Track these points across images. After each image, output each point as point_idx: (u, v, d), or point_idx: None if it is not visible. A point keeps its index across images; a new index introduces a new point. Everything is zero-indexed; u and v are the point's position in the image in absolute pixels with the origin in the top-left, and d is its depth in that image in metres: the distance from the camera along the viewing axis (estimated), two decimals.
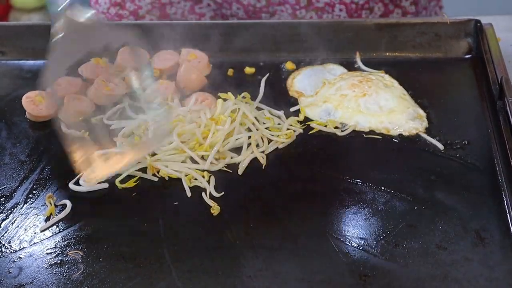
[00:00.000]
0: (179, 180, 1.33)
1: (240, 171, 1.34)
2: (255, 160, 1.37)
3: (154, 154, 1.36)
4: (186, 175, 1.32)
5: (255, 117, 1.41)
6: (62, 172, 1.35)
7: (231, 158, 1.36)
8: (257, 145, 1.38)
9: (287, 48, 1.61)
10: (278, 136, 1.40)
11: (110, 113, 1.47)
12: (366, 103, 1.46)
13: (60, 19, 1.25)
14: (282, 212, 1.27)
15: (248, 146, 1.38)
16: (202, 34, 1.61)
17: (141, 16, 1.79)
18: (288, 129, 1.42)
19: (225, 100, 1.45)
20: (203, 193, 1.30)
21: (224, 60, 1.60)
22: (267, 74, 1.56)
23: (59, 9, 1.23)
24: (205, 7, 1.74)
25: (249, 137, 1.38)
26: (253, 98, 1.48)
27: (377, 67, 1.58)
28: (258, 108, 1.46)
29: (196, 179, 1.32)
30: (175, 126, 1.37)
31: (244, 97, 1.47)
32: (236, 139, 1.37)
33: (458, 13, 1.69)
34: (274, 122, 1.43)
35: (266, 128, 1.41)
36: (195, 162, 1.35)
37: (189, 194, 1.31)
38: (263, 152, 1.38)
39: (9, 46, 1.65)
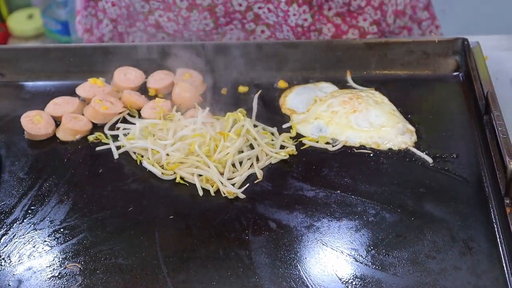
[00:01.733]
0: (174, 193, 1.37)
1: (237, 185, 1.37)
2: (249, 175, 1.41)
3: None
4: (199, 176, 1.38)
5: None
6: (60, 188, 1.39)
7: (233, 172, 1.40)
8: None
9: (279, 67, 1.65)
10: (278, 153, 1.44)
11: (110, 123, 1.52)
12: (356, 119, 1.50)
13: None
14: (276, 223, 1.30)
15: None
16: (196, 54, 1.65)
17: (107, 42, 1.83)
18: (282, 146, 1.46)
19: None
20: (220, 188, 1.36)
21: (218, 79, 1.63)
22: (259, 91, 1.60)
23: None
24: (160, 40, 1.78)
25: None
26: (247, 115, 1.52)
27: (367, 85, 1.62)
28: (254, 125, 1.50)
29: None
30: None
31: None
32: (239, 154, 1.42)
33: (446, 33, 1.73)
34: (271, 137, 1.47)
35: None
36: None
37: (201, 193, 1.36)
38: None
39: (8, 68, 1.68)
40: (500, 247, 1.23)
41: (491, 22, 2.66)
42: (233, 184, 1.37)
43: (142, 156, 1.44)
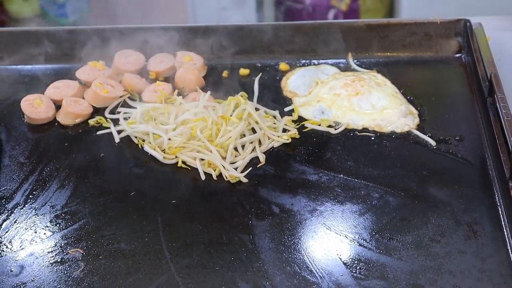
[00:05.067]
0: (176, 178, 1.36)
1: (239, 170, 1.37)
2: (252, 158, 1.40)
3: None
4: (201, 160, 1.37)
5: None
6: (61, 173, 1.38)
7: (235, 156, 1.39)
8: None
9: (280, 50, 1.64)
10: (280, 136, 1.43)
11: (111, 107, 1.51)
12: (359, 101, 1.49)
13: None
14: (279, 208, 1.29)
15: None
16: (197, 37, 1.64)
17: None
18: (285, 130, 1.45)
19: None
20: (223, 172, 1.35)
21: (219, 62, 1.62)
22: (260, 74, 1.59)
23: None
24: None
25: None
26: (249, 98, 1.51)
27: (369, 67, 1.61)
28: (255, 109, 1.49)
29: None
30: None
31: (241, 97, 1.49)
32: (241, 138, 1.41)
33: (448, 14, 1.72)
34: (273, 120, 1.46)
35: None
36: None
37: (203, 177, 1.35)
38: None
39: (6, 52, 1.67)
40: (504, 230, 1.23)
41: (493, 2, 2.64)
42: (235, 168, 1.36)
43: (144, 140, 1.43)
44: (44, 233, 1.26)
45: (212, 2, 3.09)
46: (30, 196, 1.33)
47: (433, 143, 1.41)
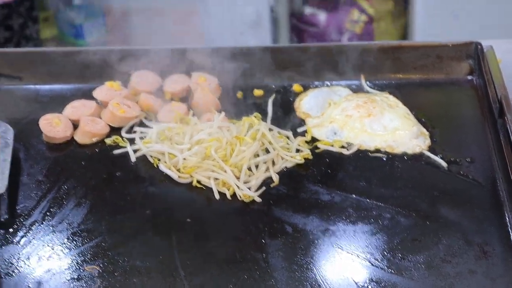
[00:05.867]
0: (191, 196, 1.38)
1: (253, 189, 1.39)
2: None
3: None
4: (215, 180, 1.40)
5: None
6: (78, 191, 1.40)
7: (249, 176, 1.41)
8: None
9: (294, 71, 1.66)
10: (293, 157, 1.45)
11: (127, 127, 1.54)
12: (371, 123, 1.51)
13: None
14: (292, 227, 1.31)
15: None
16: (212, 58, 1.66)
17: None
18: (298, 150, 1.47)
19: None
20: (237, 191, 1.37)
21: (233, 83, 1.65)
22: (274, 95, 1.62)
23: None
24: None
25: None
26: (262, 119, 1.53)
27: (382, 89, 1.63)
28: (269, 129, 1.51)
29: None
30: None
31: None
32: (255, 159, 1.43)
33: (460, 37, 1.74)
34: (286, 141, 1.48)
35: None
36: None
37: (217, 196, 1.38)
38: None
39: (25, 71, 1.70)
40: None
41: (505, 25, 2.67)
42: (249, 188, 1.38)
43: (159, 160, 1.45)
44: (61, 250, 1.29)
45: (228, 26, 3.13)
46: (48, 214, 1.36)
47: (444, 164, 1.43)
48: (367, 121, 1.51)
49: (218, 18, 3.20)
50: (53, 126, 1.53)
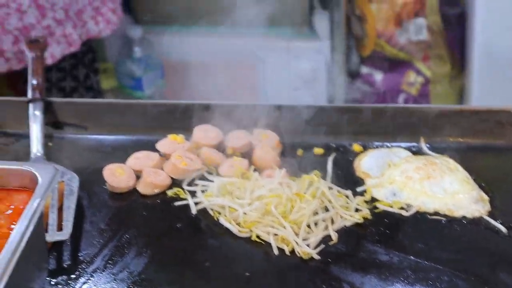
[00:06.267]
0: (250, 251, 1.40)
1: (311, 246, 1.40)
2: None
3: None
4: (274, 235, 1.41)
5: None
6: (139, 241, 1.43)
7: (308, 233, 1.42)
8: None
9: (354, 131, 1.68)
10: (352, 216, 1.46)
11: (189, 179, 1.57)
12: (430, 185, 1.52)
13: None
14: (349, 286, 1.31)
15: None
16: (273, 115, 1.69)
17: None
18: (357, 209, 1.48)
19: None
20: (295, 248, 1.38)
21: (294, 141, 1.67)
22: (334, 154, 1.64)
23: None
24: None
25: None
26: (322, 177, 1.55)
27: (441, 152, 1.64)
28: (328, 187, 1.52)
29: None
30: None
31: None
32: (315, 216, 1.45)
33: None
34: (346, 200, 1.49)
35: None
36: None
37: (276, 252, 1.39)
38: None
39: (91, 121, 1.75)
40: None
41: None
42: (308, 245, 1.39)
43: (220, 213, 1.48)
44: None
45: (283, 81, 3.17)
46: (109, 262, 1.38)
47: (504, 230, 1.43)
48: (427, 183, 1.52)
49: (274, 73, 3.25)
50: (116, 175, 1.57)
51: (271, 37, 3.21)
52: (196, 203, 1.51)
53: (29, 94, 1.74)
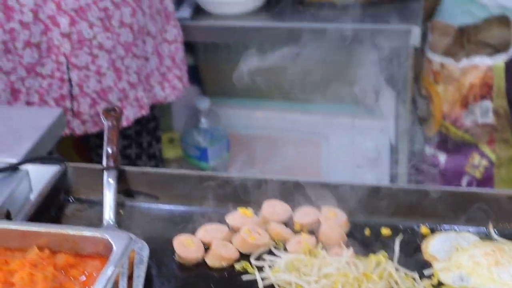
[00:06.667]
0: None
1: None
2: None
3: None
4: None
5: None
6: None
7: None
8: None
9: (422, 213, 1.69)
10: None
11: (256, 254, 1.59)
12: (499, 272, 1.51)
13: None
14: None
15: None
16: (341, 194, 1.71)
17: None
18: None
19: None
20: None
21: (362, 220, 1.68)
22: (401, 235, 1.64)
23: None
24: None
25: None
26: (389, 258, 1.55)
27: (510, 238, 1.63)
28: (395, 269, 1.52)
29: None
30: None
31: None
32: None
33: None
34: (413, 282, 1.49)
35: None
36: None
37: None
38: None
39: (162, 192, 1.79)
40: None
41: None
42: None
43: None
44: None
45: (347, 158, 3.19)
46: None
47: None
48: (495, 269, 1.51)
49: (337, 150, 3.27)
50: (186, 246, 1.59)
51: (337, 114, 3.25)
52: (263, 279, 1.52)
53: (104, 162, 1.79)
